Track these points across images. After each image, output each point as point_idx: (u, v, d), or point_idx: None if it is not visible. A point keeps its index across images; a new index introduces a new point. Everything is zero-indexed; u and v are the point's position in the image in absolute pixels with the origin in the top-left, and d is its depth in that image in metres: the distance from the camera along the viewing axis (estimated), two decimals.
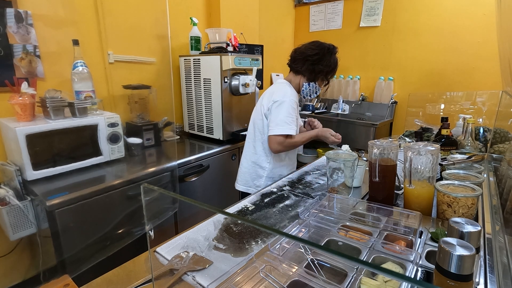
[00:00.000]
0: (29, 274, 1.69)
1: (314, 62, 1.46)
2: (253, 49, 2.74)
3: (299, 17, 3.57)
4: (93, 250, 1.39)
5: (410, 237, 0.75)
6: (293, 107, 1.44)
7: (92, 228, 1.40)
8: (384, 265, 0.66)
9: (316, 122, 1.66)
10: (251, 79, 2.02)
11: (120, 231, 1.50)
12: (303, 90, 1.53)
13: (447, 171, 1.02)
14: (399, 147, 1.14)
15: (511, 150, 1.37)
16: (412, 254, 0.66)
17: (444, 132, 1.37)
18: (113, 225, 1.47)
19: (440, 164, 1.17)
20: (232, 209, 1.08)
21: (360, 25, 3.09)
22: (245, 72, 2.08)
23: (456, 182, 0.90)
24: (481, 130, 1.64)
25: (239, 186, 1.65)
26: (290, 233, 0.81)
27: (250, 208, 1.08)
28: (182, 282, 0.70)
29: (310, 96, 1.56)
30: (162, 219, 1.68)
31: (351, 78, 3.22)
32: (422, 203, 0.93)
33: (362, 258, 0.69)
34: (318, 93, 1.60)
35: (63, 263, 1.29)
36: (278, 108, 1.43)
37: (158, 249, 0.82)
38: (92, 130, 1.52)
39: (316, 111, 3.22)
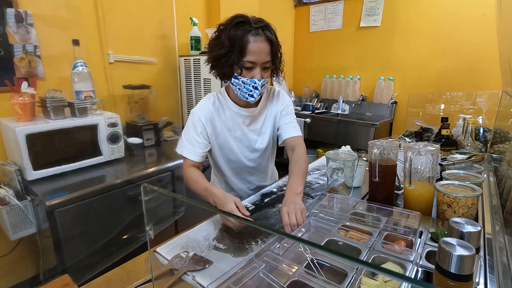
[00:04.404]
0: (29, 274, 1.69)
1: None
2: None
3: (299, 17, 3.56)
4: (93, 249, 1.39)
5: (410, 237, 0.75)
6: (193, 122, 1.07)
7: (92, 228, 1.40)
8: (384, 265, 0.66)
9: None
10: None
11: (124, 237, 1.49)
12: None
13: (447, 171, 1.02)
14: (399, 147, 1.14)
15: (511, 150, 1.37)
16: (412, 254, 0.66)
17: (444, 132, 1.37)
18: (113, 225, 1.47)
19: (440, 164, 1.17)
20: None
21: (360, 25, 3.09)
22: None
23: (456, 182, 0.90)
24: (481, 130, 1.64)
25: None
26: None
27: (250, 208, 1.08)
28: (182, 282, 0.70)
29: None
30: (168, 223, 1.68)
31: (351, 78, 3.22)
32: (422, 203, 0.93)
33: (362, 258, 0.69)
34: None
35: (63, 263, 1.29)
36: None
37: (158, 249, 0.82)
38: (92, 130, 1.52)
39: (316, 111, 3.22)
